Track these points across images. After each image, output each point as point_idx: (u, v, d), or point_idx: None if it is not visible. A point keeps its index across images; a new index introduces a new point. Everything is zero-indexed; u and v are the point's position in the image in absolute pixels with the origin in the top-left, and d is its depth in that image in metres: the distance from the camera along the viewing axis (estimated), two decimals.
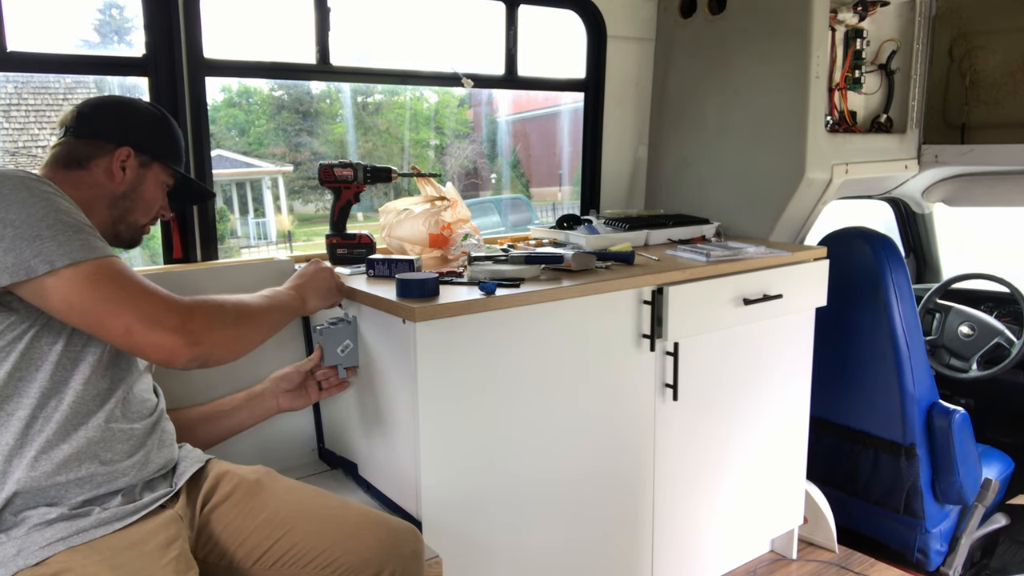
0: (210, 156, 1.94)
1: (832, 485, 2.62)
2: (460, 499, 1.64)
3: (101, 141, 1.39)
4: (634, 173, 2.77)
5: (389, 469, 1.71)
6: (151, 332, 1.18)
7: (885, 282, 2.37)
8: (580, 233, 2.20)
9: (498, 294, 1.60)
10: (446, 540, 1.61)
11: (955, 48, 2.59)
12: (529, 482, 1.75)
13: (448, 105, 5.38)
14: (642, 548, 2.04)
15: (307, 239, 5.63)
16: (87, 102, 1.44)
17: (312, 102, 5.17)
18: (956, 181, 2.92)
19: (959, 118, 2.61)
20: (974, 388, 2.89)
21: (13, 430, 1.18)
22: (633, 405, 1.92)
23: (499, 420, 1.67)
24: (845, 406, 2.55)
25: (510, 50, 2.39)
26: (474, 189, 5.25)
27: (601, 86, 2.59)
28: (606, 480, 1.91)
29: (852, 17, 2.41)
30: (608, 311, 1.81)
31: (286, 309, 1.50)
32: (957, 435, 2.37)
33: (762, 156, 2.36)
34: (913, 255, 3.40)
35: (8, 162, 3.33)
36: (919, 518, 2.43)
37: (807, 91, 2.22)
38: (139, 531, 1.22)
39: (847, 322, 2.46)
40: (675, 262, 2.00)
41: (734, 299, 2.02)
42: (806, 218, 2.41)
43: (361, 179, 1.92)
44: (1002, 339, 2.69)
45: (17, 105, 3.46)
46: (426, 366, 1.53)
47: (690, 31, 2.55)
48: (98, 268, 1.17)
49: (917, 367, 2.39)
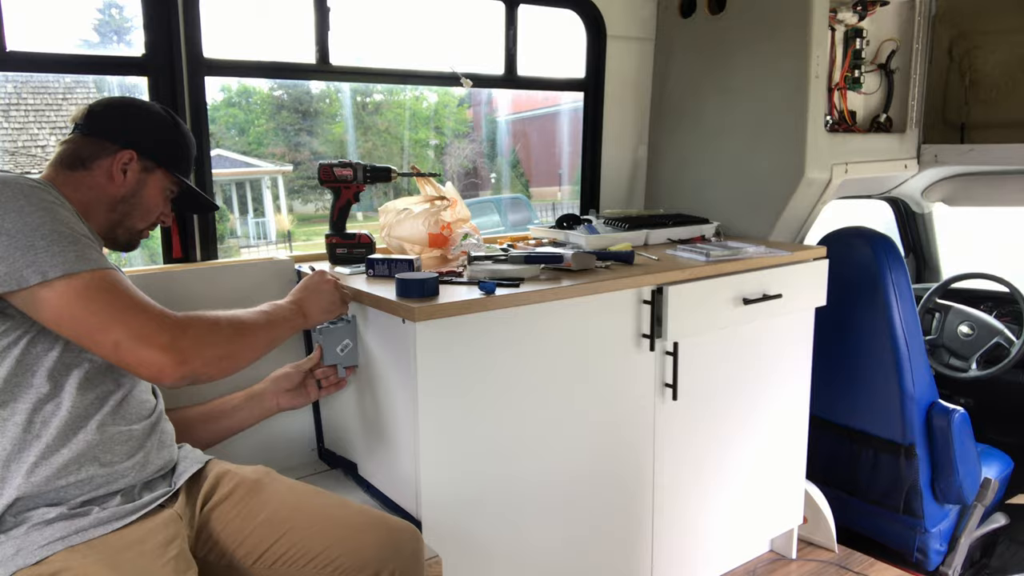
0: (210, 156, 1.94)
1: (832, 485, 2.62)
2: (460, 499, 1.64)
3: (106, 141, 1.38)
4: (634, 173, 2.77)
5: (389, 469, 1.71)
6: (140, 349, 1.17)
7: (885, 282, 2.37)
8: (580, 233, 2.20)
9: (498, 294, 1.60)
10: (446, 540, 1.61)
11: (955, 48, 2.59)
12: (529, 482, 1.75)
13: (447, 105, 5.38)
14: (642, 548, 2.04)
15: (307, 239, 5.62)
16: (100, 101, 1.43)
17: (312, 102, 5.16)
18: (956, 181, 2.92)
19: (959, 118, 2.61)
20: (974, 388, 2.89)
21: (11, 435, 1.18)
22: (633, 405, 1.92)
23: (499, 420, 1.67)
24: (845, 406, 2.55)
25: (510, 50, 2.39)
26: (474, 189, 5.25)
27: (601, 86, 2.59)
28: (606, 480, 1.91)
29: (852, 16, 2.41)
30: (608, 311, 1.81)
31: (286, 324, 1.48)
32: (957, 435, 2.37)
33: (762, 156, 2.36)
34: (913, 255, 3.40)
35: (8, 162, 3.32)
36: (919, 518, 2.43)
37: (807, 91, 2.21)
38: (138, 530, 1.22)
39: (847, 322, 2.46)
40: (675, 262, 2.00)
41: (734, 299, 2.02)
42: (806, 218, 2.41)
43: (360, 179, 1.92)
44: (1002, 339, 2.69)
45: (16, 105, 3.46)
46: (426, 366, 1.53)
47: (690, 31, 2.54)
48: (91, 281, 1.16)
49: (917, 367, 2.39)
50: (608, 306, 1.80)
